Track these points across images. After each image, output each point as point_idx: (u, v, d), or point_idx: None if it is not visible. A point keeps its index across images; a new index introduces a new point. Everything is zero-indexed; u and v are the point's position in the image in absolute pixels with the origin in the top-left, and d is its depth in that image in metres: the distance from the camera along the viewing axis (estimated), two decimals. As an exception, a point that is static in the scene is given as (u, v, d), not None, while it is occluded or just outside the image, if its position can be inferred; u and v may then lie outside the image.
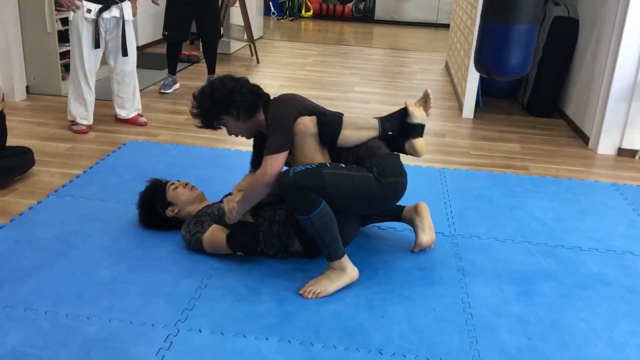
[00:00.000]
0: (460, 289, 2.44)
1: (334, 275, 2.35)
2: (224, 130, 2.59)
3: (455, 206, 3.20)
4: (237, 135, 2.59)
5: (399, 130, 2.50)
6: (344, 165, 2.37)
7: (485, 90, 5.40)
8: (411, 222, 2.72)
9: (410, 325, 2.19)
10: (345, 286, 2.36)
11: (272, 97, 2.56)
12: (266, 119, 2.46)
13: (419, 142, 2.50)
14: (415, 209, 2.73)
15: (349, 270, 2.37)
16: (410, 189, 3.30)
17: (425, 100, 2.55)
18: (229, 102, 2.45)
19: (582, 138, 4.50)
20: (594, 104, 4.36)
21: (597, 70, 4.38)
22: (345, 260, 2.36)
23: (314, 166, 2.32)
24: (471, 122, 4.86)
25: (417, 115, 2.48)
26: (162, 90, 5.19)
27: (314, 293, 2.31)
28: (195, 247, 2.57)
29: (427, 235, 2.67)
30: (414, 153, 2.50)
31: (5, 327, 2.05)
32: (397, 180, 2.42)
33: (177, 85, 5.30)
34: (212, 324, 2.13)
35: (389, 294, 2.37)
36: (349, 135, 2.41)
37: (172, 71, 5.26)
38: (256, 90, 2.52)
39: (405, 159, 2.60)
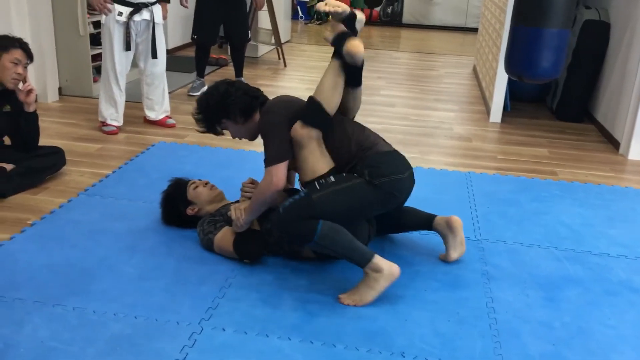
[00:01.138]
0: (485, 294, 2.42)
1: (371, 280, 2.27)
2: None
3: (481, 210, 3.18)
4: (240, 138, 2.61)
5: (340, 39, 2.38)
6: (333, 180, 2.33)
7: (513, 95, 5.34)
8: (443, 236, 2.64)
9: (433, 329, 2.18)
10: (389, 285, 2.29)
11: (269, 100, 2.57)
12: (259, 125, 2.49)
13: (350, 44, 2.33)
14: (448, 224, 2.61)
15: (386, 270, 2.26)
16: (436, 192, 3.31)
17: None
18: (223, 106, 2.48)
19: (613, 143, 4.43)
20: (625, 108, 4.28)
21: (629, 75, 4.31)
22: (378, 260, 2.26)
23: (303, 195, 2.32)
24: (499, 126, 4.82)
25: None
26: (191, 93, 5.25)
27: (353, 300, 2.28)
28: (206, 246, 2.61)
29: (457, 252, 2.61)
30: (350, 57, 2.35)
31: (34, 322, 2.10)
32: (393, 179, 2.34)
33: (205, 88, 5.35)
34: (235, 323, 2.15)
35: (412, 298, 2.36)
36: (332, 99, 2.37)
37: (201, 74, 5.33)
38: (252, 93, 2.54)
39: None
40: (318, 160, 2.38)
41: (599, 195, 3.48)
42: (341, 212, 2.30)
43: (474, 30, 9.65)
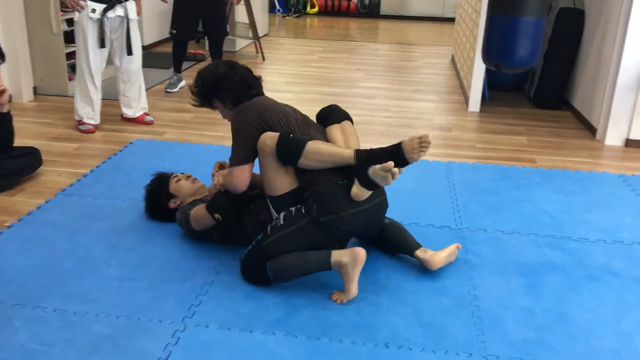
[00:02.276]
0: (467, 282, 2.43)
1: (343, 274, 2.25)
2: (229, 129, 2.60)
3: (461, 199, 3.20)
4: (229, 120, 2.56)
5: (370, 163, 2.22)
6: (282, 222, 2.29)
7: (491, 84, 5.37)
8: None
9: (417, 319, 2.19)
10: (361, 269, 2.24)
11: (263, 95, 2.55)
12: None
13: (356, 188, 2.22)
14: (424, 264, 2.47)
15: (348, 259, 2.21)
16: (418, 183, 3.32)
17: (420, 143, 2.19)
18: (216, 88, 2.48)
19: (590, 130, 4.48)
20: (601, 95, 4.33)
21: (604, 61, 4.35)
22: (337, 256, 2.23)
23: (254, 243, 2.35)
24: (477, 115, 4.84)
25: (385, 174, 2.15)
26: (168, 90, 5.20)
27: (340, 298, 2.27)
28: (185, 225, 2.62)
29: (453, 259, 2.55)
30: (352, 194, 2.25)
31: (14, 325, 2.08)
32: (338, 217, 2.24)
33: (182, 83, 5.32)
34: (219, 320, 2.14)
35: (395, 288, 2.37)
36: (309, 164, 2.27)
37: (178, 70, 5.28)
38: (249, 81, 2.51)
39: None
40: (277, 178, 2.32)
41: (577, 181, 3.52)
42: (294, 249, 2.29)
43: (452, 20, 9.67)
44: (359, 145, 2.42)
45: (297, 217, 2.30)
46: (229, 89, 2.47)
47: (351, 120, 2.54)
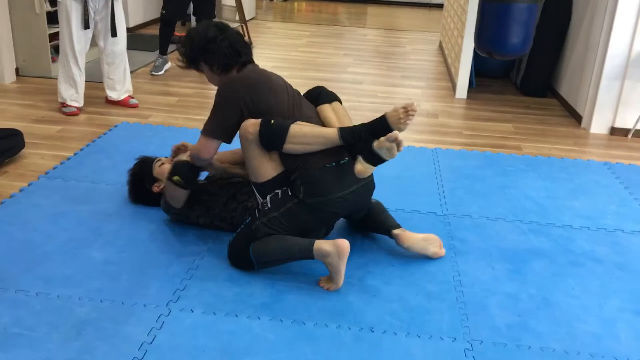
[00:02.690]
0: (452, 268, 2.44)
1: (328, 265, 2.21)
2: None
3: (447, 186, 3.20)
4: (215, 85, 2.50)
5: (362, 140, 2.25)
6: (269, 205, 2.28)
7: (478, 71, 5.37)
8: (408, 250, 2.49)
9: (402, 304, 2.19)
10: (347, 260, 2.20)
11: (254, 63, 2.50)
12: None
13: (360, 164, 2.22)
14: (397, 240, 2.48)
15: (332, 250, 2.17)
16: (404, 170, 3.32)
17: (406, 111, 2.22)
18: (204, 51, 2.41)
19: (575, 117, 4.50)
20: (587, 83, 4.35)
21: (590, 49, 4.37)
22: (321, 245, 2.19)
23: (242, 226, 2.34)
24: (464, 102, 4.85)
25: (384, 146, 2.16)
26: (154, 72, 5.14)
27: (328, 286, 2.24)
28: (165, 207, 2.62)
29: (431, 249, 2.48)
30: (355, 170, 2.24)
31: (-4, 309, 2.05)
32: (326, 199, 2.25)
33: (168, 65, 5.26)
34: (204, 304, 2.13)
35: (381, 274, 2.37)
36: (294, 148, 2.24)
37: (164, 51, 5.21)
38: (238, 47, 2.43)
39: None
40: (262, 165, 2.29)
41: (562, 168, 3.54)
42: (282, 232, 2.29)
43: (440, 6, 9.65)
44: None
45: (284, 199, 2.29)
46: (217, 53, 2.39)
47: (340, 102, 2.52)
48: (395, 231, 2.49)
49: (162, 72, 5.18)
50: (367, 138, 2.23)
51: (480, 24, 3.20)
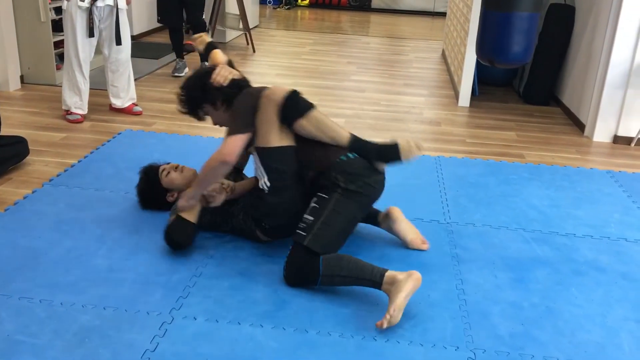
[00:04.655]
0: (455, 276, 2.44)
1: (390, 294, 2.12)
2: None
3: (450, 194, 3.21)
4: (221, 126, 2.58)
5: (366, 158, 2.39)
6: (311, 218, 2.27)
7: (481, 79, 5.39)
8: (390, 230, 2.64)
9: (405, 312, 2.18)
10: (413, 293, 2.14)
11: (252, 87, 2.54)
12: None
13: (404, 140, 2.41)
14: (387, 216, 2.62)
15: (403, 276, 2.12)
16: (407, 177, 3.33)
17: (419, 150, 2.41)
18: (203, 91, 2.47)
19: (578, 126, 4.50)
20: (590, 91, 4.35)
21: (593, 58, 4.37)
22: (393, 272, 2.15)
23: (293, 245, 2.27)
24: (467, 110, 4.85)
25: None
26: (176, 74, 5.32)
27: (388, 322, 2.06)
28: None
29: (411, 234, 2.60)
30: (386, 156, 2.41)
31: (0, 315, 2.05)
32: (365, 183, 2.33)
33: (187, 69, 5.39)
34: (206, 312, 2.14)
35: (384, 281, 2.37)
36: (307, 128, 2.34)
37: (180, 55, 5.41)
38: (236, 81, 2.50)
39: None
40: (272, 131, 2.31)
41: (566, 177, 3.54)
42: (337, 238, 2.30)
43: (443, 14, 9.68)
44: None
45: (322, 201, 2.30)
46: (217, 89, 2.46)
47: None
48: (389, 208, 2.60)
49: (184, 73, 5.34)
50: (373, 157, 2.38)
51: (481, 33, 3.21)
